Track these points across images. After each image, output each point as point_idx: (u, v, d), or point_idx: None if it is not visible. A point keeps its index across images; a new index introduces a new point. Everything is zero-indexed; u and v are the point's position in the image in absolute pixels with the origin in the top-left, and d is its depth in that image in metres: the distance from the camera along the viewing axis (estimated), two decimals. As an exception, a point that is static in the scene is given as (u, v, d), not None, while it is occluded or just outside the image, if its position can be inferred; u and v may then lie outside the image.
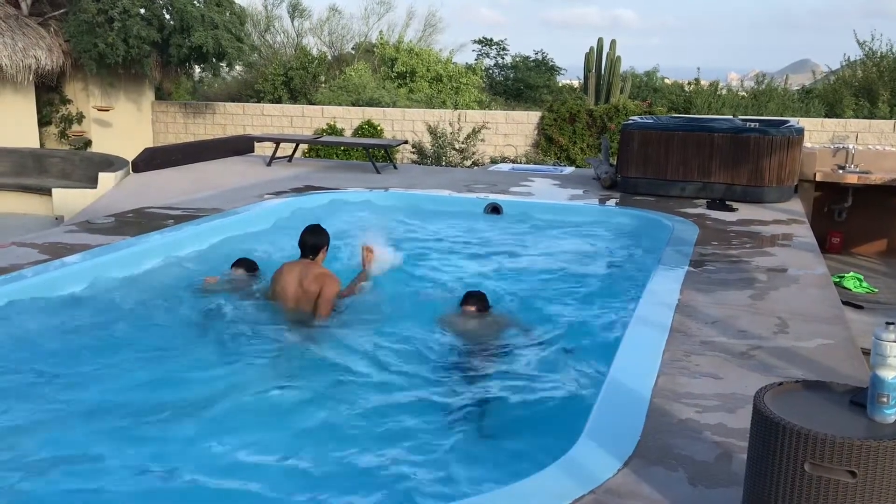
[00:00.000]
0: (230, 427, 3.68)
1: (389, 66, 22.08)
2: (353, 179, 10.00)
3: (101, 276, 5.59)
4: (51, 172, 12.11)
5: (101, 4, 15.58)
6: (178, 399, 3.91)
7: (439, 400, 4.03)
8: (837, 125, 15.70)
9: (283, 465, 3.38)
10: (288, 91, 20.69)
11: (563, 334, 5.02)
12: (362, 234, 5.87)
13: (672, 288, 5.26)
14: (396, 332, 4.89)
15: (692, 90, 20.61)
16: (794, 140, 8.66)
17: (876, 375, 2.28)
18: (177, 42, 16.11)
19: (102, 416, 3.73)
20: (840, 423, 2.26)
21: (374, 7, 25.08)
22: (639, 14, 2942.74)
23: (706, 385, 3.67)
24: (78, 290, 5.36)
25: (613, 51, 18.15)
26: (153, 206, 8.02)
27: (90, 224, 7.06)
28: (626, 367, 3.85)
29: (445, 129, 16.30)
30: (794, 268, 5.89)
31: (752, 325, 4.53)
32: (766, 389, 2.42)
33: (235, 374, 4.28)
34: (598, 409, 3.39)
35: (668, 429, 3.23)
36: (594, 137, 16.39)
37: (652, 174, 9.02)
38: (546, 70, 26.26)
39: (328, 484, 3.25)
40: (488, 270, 6.51)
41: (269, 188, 9.16)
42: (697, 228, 7.22)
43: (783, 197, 8.68)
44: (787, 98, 20.35)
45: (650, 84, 24.22)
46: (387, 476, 3.31)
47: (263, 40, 23.74)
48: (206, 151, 12.10)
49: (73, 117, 16.76)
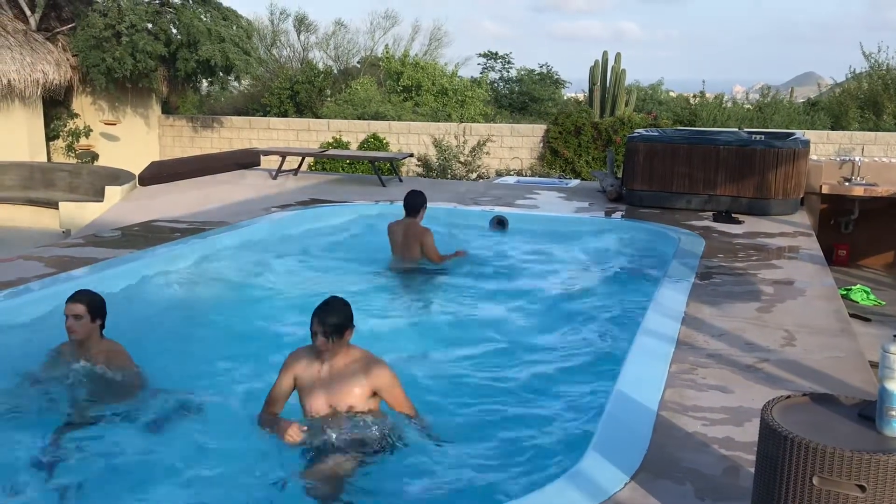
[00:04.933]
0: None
1: (395, 79, 22.16)
2: (358, 192, 10.02)
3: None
4: (58, 186, 12.15)
5: (108, 19, 15.68)
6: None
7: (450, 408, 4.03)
8: (843, 137, 15.67)
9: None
10: (294, 105, 20.77)
11: (571, 346, 5.01)
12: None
13: (678, 300, 5.25)
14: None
15: (697, 103, 20.61)
16: (799, 152, 8.65)
17: (885, 388, 2.27)
18: (184, 56, 16.19)
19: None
20: (849, 437, 2.25)
21: (379, 21, 25.23)
22: (643, 27, 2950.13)
23: (713, 398, 3.66)
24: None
25: (618, 64, 18.16)
26: (160, 219, 8.05)
27: (97, 237, 7.08)
28: (633, 379, 3.84)
29: (451, 142, 16.33)
30: (800, 280, 5.87)
31: (758, 338, 4.51)
32: (774, 402, 2.42)
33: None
34: (605, 421, 3.39)
35: (675, 442, 3.21)
36: (599, 150, 16.39)
37: (657, 187, 9.01)
38: (551, 83, 26.31)
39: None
40: (493, 288, 6.50)
41: (276, 201, 9.18)
42: (703, 241, 7.20)
43: (789, 209, 8.66)
44: (793, 111, 20.33)
45: (655, 97, 24.24)
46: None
47: (270, 54, 23.86)
48: (212, 165, 12.14)
49: (80, 131, 16.83)
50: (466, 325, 5.57)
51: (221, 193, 9.92)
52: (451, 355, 4.93)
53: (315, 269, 6.87)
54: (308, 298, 5.98)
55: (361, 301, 4.99)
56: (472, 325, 5.56)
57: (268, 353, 4.54)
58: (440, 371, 4.64)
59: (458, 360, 4.83)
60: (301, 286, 6.31)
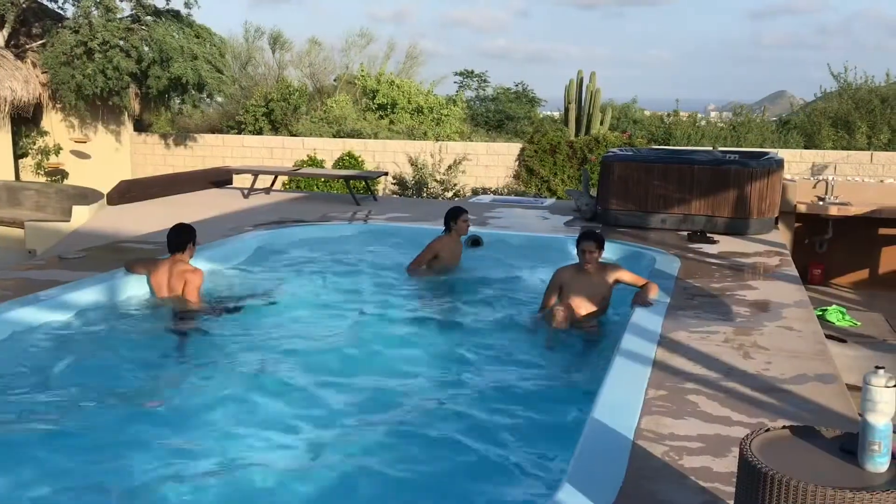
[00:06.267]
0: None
1: (370, 97, 22.09)
2: (332, 211, 9.89)
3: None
4: (24, 205, 11.91)
5: (80, 36, 15.48)
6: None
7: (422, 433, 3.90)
8: (816, 156, 15.80)
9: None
10: (269, 122, 20.62)
11: (546, 369, 4.91)
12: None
13: (655, 321, 5.17)
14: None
15: (671, 121, 20.75)
16: (773, 171, 8.64)
17: (866, 422, 2.18)
18: (156, 73, 16.02)
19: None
20: (831, 473, 2.17)
21: (355, 39, 25.14)
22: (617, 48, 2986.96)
23: (690, 426, 3.57)
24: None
25: (593, 83, 18.24)
26: (127, 239, 7.87)
27: (61, 259, 6.89)
28: (609, 406, 3.74)
29: (426, 160, 16.26)
30: (776, 301, 5.82)
31: (735, 361, 4.44)
32: (753, 436, 2.33)
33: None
34: (580, 452, 3.28)
35: (651, 474, 3.11)
36: (575, 169, 16.41)
37: (632, 206, 8.97)
38: (527, 101, 26.39)
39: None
40: (461, 308, 6.40)
41: (247, 220, 9.03)
42: (679, 261, 7.15)
43: (764, 229, 8.64)
44: (766, 129, 20.52)
45: (629, 115, 24.38)
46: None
47: (244, 72, 23.70)
48: (184, 183, 11.96)
49: (50, 149, 16.57)
50: (430, 346, 5.44)
51: (191, 212, 9.73)
52: (418, 377, 4.82)
53: (288, 288, 6.74)
54: (279, 314, 5.91)
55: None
56: (438, 349, 5.43)
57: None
58: (406, 393, 4.51)
59: (425, 386, 4.71)
60: (273, 303, 6.20)
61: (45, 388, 4.40)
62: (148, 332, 5.57)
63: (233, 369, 4.78)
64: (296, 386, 4.53)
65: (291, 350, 5.15)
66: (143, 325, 5.67)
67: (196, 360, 5.08)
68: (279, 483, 3.47)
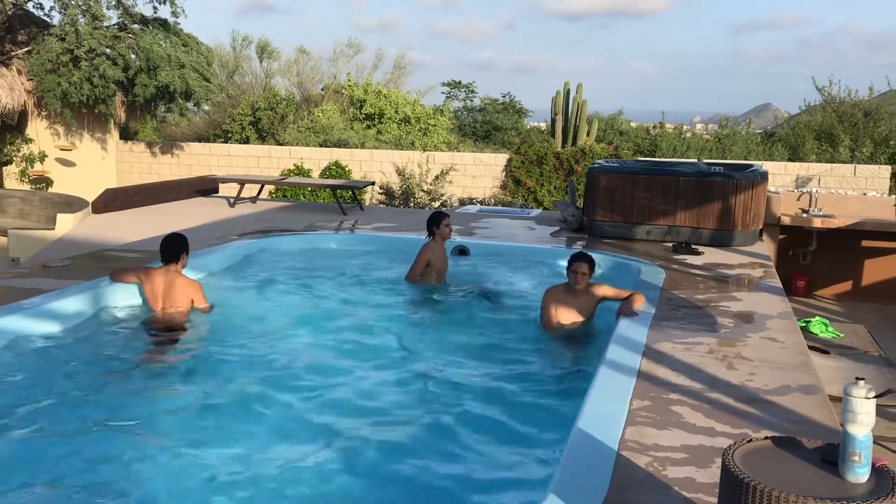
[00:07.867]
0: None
1: (358, 107, 22.12)
2: (318, 221, 9.88)
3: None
4: (8, 213, 11.85)
5: (66, 44, 15.43)
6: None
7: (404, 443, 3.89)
8: (801, 168, 15.94)
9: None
10: (256, 131, 20.61)
11: (531, 381, 4.91)
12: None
13: (640, 332, 5.19)
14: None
15: (657, 133, 20.87)
16: (758, 184, 8.71)
17: (847, 433, 2.20)
18: (143, 81, 15.98)
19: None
20: (812, 483, 2.18)
21: (342, 49, 25.19)
22: (603, 60, 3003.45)
23: (674, 436, 3.58)
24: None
25: (580, 94, 18.35)
26: (111, 247, 7.83)
27: (45, 267, 6.85)
28: (594, 417, 3.74)
29: (413, 170, 16.29)
30: (760, 312, 5.86)
31: (719, 372, 4.46)
32: (736, 447, 2.34)
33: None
34: (565, 462, 3.28)
35: (635, 484, 3.12)
36: (561, 180, 16.48)
37: (618, 217, 9.01)
38: (514, 112, 26.51)
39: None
40: (448, 317, 6.40)
41: (232, 229, 9.01)
42: (664, 272, 7.18)
43: (748, 240, 8.70)
44: (751, 141, 20.68)
45: (616, 127, 24.52)
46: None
47: (232, 81, 23.69)
48: (169, 192, 11.92)
49: (34, 157, 16.48)
50: (416, 356, 5.43)
51: (178, 221, 9.70)
52: (406, 385, 4.81)
53: (271, 297, 6.72)
54: (266, 323, 5.90)
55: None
56: (424, 358, 5.42)
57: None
58: (393, 402, 4.51)
59: (411, 394, 4.70)
60: (254, 315, 6.17)
61: (26, 397, 4.36)
62: (133, 340, 5.54)
63: (220, 377, 4.76)
64: (284, 390, 4.53)
65: (278, 357, 5.15)
66: (127, 333, 5.64)
67: (182, 368, 5.05)
68: (270, 490, 3.46)
